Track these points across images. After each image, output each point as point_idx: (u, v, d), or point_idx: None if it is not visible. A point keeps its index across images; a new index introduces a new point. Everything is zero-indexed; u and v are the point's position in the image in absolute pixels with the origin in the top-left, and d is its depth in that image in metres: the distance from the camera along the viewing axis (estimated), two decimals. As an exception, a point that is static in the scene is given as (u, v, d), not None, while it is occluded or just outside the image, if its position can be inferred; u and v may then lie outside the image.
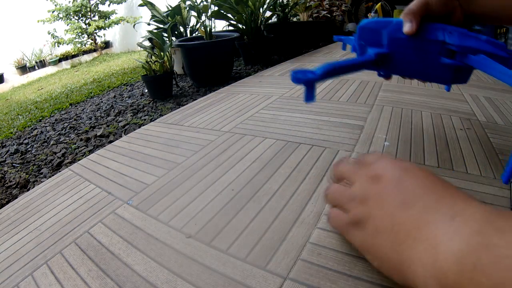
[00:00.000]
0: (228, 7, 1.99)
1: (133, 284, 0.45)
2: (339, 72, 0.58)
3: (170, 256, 0.49)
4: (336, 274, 0.42)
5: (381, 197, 0.32)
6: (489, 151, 0.69)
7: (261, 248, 0.48)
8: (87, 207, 0.67)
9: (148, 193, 0.68)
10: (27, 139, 1.48)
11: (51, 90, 3.00)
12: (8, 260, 0.55)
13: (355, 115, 0.97)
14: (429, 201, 0.27)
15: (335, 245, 0.47)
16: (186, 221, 0.57)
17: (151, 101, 1.67)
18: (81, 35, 6.15)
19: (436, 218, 0.25)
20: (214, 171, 0.73)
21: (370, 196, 0.33)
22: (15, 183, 0.97)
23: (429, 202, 0.27)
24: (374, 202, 0.32)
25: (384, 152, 0.72)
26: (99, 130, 1.33)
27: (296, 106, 1.11)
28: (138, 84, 2.29)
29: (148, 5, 2.17)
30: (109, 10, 6.37)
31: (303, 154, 0.76)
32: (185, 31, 2.31)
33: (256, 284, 0.42)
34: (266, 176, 0.68)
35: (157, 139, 0.98)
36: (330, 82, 1.39)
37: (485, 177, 0.60)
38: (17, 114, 2.17)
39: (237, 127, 0.98)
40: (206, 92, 1.65)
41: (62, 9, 5.86)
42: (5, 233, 0.64)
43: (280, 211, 0.56)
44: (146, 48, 1.76)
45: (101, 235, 0.57)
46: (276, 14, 2.52)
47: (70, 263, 0.51)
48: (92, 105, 1.89)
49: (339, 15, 3.07)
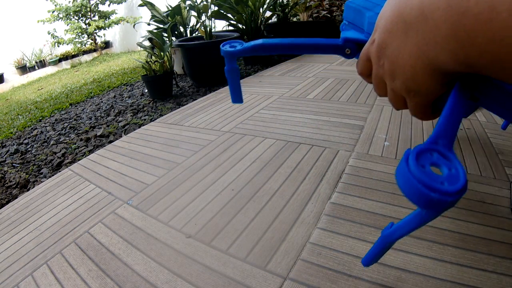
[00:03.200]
0: (228, 7, 1.99)
1: (133, 284, 0.45)
2: (280, 49, 0.50)
3: (170, 256, 0.49)
4: (336, 274, 0.42)
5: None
6: (489, 151, 0.69)
7: (261, 248, 0.48)
8: (87, 207, 0.67)
9: (148, 193, 0.68)
10: (27, 139, 1.48)
11: (51, 90, 3.00)
12: (8, 260, 0.55)
13: (355, 115, 0.97)
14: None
15: (335, 245, 0.47)
16: (186, 221, 0.57)
17: (151, 101, 1.67)
18: (81, 35, 6.16)
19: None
20: (214, 171, 0.73)
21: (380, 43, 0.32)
22: (15, 183, 0.97)
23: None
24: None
25: (384, 152, 0.72)
26: (99, 130, 1.33)
27: (296, 106, 1.11)
28: (138, 84, 2.29)
29: (148, 5, 2.17)
30: (109, 10, 6.38)
31: (303, 154, 0.76)
32: (185, 31, 2.31)
33: (256, 284, 0.42)
34: (266, 176, 0.68)
35: (157, 139, 0.98)
36: (330, 82, 1.39)
37: (485, 177, 0.60)
38: (17, 114, 2.17)
39: (237, 127, 0.98)
40: (206, 92, 1.65)
41: (62, 9, 5.86)
42: (5, 233, 0.64)
43: (280, 211, 0.56)
44: (146, 48, 1.76)
45: (101, 235, 0.57)
46: (276, 14, 2.52)
47: (70, 263, 0.51)
48: (92, 105, 1.89)
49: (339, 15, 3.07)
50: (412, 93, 0.30)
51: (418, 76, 0.28)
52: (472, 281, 0.38)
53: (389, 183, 0.60)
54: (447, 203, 0.19)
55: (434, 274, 0.40)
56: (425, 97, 0.29)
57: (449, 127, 0.24)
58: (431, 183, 0.19)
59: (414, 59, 0.27)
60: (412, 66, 0.28)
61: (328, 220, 0.52)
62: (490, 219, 0.48)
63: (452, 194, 0.19)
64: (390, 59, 0.31)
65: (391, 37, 0.29)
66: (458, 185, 0.19)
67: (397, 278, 0.40)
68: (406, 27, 0.27)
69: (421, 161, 0.21)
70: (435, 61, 0.25)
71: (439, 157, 0.22)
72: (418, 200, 0.20)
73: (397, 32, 0.28)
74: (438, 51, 0.24)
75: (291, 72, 1.70)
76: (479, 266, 0.40)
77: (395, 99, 0.33)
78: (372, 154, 0.72)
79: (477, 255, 0.42)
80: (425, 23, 0.24)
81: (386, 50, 0.31)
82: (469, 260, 0.41)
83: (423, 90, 0.28)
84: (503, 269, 0.40)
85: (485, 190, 0.56)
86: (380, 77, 0.34)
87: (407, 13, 0.26)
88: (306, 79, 1.50)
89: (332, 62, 1.86)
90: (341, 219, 0.52)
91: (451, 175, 0.20)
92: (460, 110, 0.26)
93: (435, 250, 0.44)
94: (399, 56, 0.29)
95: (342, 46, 0.49)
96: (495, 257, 0.41)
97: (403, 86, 0.30)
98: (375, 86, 0.36)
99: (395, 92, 0.33)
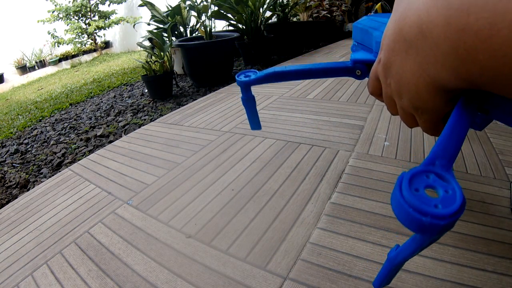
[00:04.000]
0: (228, 7, 1.99)
1: (133, 284, 0.45)
2: (292, 77, 0.52)
3: (170, 256, 0.49)
4: (336, 274, 0.42)
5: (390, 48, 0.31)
6: (489, 151, 0.69)
7: (261, 248, 0.48)
8: (87, 207, 0.67)
9: (148, 193, 0.68)
10: (27, 139, 1.48)
11: (51, 90, 3.00)
12: (8, 260, 0.55)
13: (355, 115, 0.97)
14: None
15: (335, 245, 0.47)
16: (186, 221, 0.57)
17: (151, 101, 1.67)
18: (81, 35, 6.16)
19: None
20: (214, 171, 0.73)
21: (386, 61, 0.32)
22: (15, 183, 0.97)
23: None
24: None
25: (384, 152, 0.72)
26: (99, 130, 1.33)
27: (296, 106, 1.11)
28: (138, 84, 2.29)
29: (148, 5, 2.17)
30: (109, 10, 6.38)
31: (303, 154, 0.76)
32: (185, 31, 2.31)
33: (256, 284, 0.42)
34: (266, 176, 0.68)
35: (157, 139, 0.98)
36: (330, 82, 1.39)
37: (485, 177, 0.60)
38: (17, 114, 2.17)
39: (237, 127, 0.98)
40: (206, 92, 1.65)
41: (62, 9, 5.86)
42: (5, 233, 0.64)
43: (280, 211, 0.56)
44: (146, 48, 1.76)
45: (101, 235, 0.57)
46: (276, 14, 2.52)
47: (70, 263, 0.51)
48: (92, 105, 1.89)
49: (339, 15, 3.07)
50: (419, 111, 0.30)
51: (422, 94, 0.27)
52: (472, 281, 0.38)
53: (389, 183, 0.60)
54: (440, 227, 0.18)
55: (434, 274, 0.40)
56: (433, 114, 0.29)
57: (449, 146, 0.24)
58: (423, 207, 0.18)
59: (417, 77, 0.27)
60: (415, 85, 0.27)
61: (328, 220, 0.52)
62: (490, 219, 0.48)
63: (446, 217, 0.18)
64: (395, 78, 0.30)
65: (394, 55, 0.29)
66: (453, 208, 0.18)
67: (397, 278, 0.40)
68: (407, 45, 0.27)
69: (415, 184, 0.20)
70: (437, 78, 0.25)
71: (435, 179, 0.21)
72: (410, 225, 0.19)
73: (399, 50, 0.28)
74: (439, 69, 0.24)
75: (291, 72, 1.70)
76: (479, 266, 0.40)
77: (405, 117, 0.33)
78: (372, 154, 0.72)
79: (477, 255, 0.42)
80: (424, 40, 0.24)
81: (391, 69, 0.30)
82: (469, 260, 0.41)
83: (429, 108, 0.28)
84: (503, 269, 0.40)
85: (485, 190, 0.56)
86: (389, 96, 0.34)
87: (406, 31, 0.26)
88: (306, 79, 1.50)
89: (332, 62, 1.86)
90: (341, 219, 0.52)
91: (446, 197, 0.19)
92: (463, 127, 0.25)
93: (435, 250, 0.44)
94: (403, 74, 0.29)
95: (352, 68, 0.49)
96: (495, 257, 0.41)
97: (410, 104, 0.30)
98: (386, 105, 0.36)
99: (404, 110, 0.32)
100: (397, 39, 0.28)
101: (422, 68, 0.25)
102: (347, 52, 2.18)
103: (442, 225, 0.18)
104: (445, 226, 0.18)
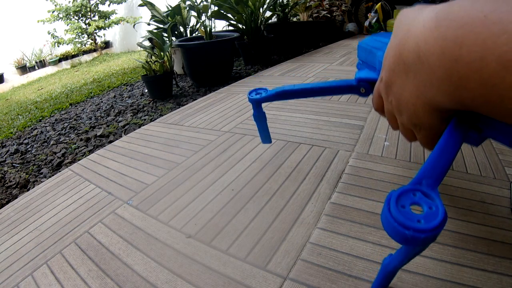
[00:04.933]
0: (228, 7, 1.99)
1: (133, 284, 0.45)
2: (300, 95, 0.55)
3: (170, 256, 0.49)
4: (336, 274, 0.42)
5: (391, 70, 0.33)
6: (489, 151, 0.69)
7: (261, 248, 0.48)
8: (87, 207, 0.67)
9: (148, 193, 0.68)
10: (27, 139, 1.48)
11: (51, 90, 3.00)
12: (8, 260, 0.55)
13: (355, 115, 0.97)
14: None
15: (335, 245, 0.47)
16: (186, 221, 0.57)
17: (151, 101, 1.67)
18: (81, 35, 6.15)
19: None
20: (214, 171, 0.73)
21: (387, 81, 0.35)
22: (15, 183, 0.97)
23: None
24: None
25: (384, 152, 0.72)
26: (99, 130, 1.33)
27: (296, 106, 1.11)
28: (138, 84, 2.29)
29: (148, 5, 2.17)
30: (109, 10, 6.37)
31: (303, 154, 0.76)
32: (185, 31, 2.31)
33: (256, 284, 0.42)
34: (266, 176, 0.68)
35: (157, 139, 0.98)
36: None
37: (485, 177, 0.60)
38: (17, 114, 2.17)
39: (237, 127, 0.98)
40: (206, 92, 1.65)
41: (62, 9, 5.85)
42: (5, 233, 0.64)
43: (280, 211, 0.56)
44: (146, 48, 1.76)
45: (101, 235, 0.57)
46: (276, 14, 2.52)
47: (70, 263, 0.51)
48: (92, 105, 1.89)
49: (339, 15, 3.07)
50: (417, 127, 0.32)
51: (420, 112, 0.29)
52: (472, 281, 0.38)
53: (389, 183, 0.60)
54: (420, 239, 0.20)
55: (434, 274, 0.40)
56: (430, 131, 0.31)
57: (437, 166, 0.26)
58: (406, 222, 0.21)
59: (415, 97, 0.29)
60: (414, 104, 0.29)
61: (328, 220, 0.52)
62: (490, 219, 0.48)
63: (426, 231, 0.20)
64: (395, 96, 0.32)
65: (395, 76, 0.31)
66: (435, 223, 0.20)
67: (397, 278, 0.40)
68: (406, 68, 0.29)
69: (402, 202, 0.22)
70: (433, 100, 0.27)
71: (421, 197, 0.23)
72: (395, 237, 0.21)
73: (399, 72, 0.30)
74: (435, 92, 0.26)
75: (291, 72, 1.70)
76: (479, 266, 0.40)
77: (405, 132, 0.36)
78: (372, 154, 0.72)
79: (477, 255, 0.42)
80: (422, 66, 0.26)
81: (392, 88, 0.33)
82: (469, 260, 0.41)
83: (426, 125, 0.30)
84: (503, 269, 0.40)
85: (485, 190, 0.56)
86: (390, 112, 0.36)
87: (405, 55, 0.28)
88: (306, 79, 1.50)
89: (332, 62, 1.86)
90: (341, 219, 0.52)
91: (430, 213, 0.21)
92: (453, 148, 0.27)
93: (435, 250, 0.44)
94: (402, 94, 0.31)
95: (356, 86, 0.52)
96: (495, 257, 0.41)
97: (409, 121, 0.32)
98: (388, 120, 0.39)
99: (404, 125, 0.35)
100: (398, 61, 0.30)
101: (420, 90, 0.28)
102: (347, 52, 2.18)
103: (423, 238, 0.20)
104: (426, 239, 0.20)
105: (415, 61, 0.27)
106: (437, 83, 0.25)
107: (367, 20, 3.28)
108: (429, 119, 0.29)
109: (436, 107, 0.27)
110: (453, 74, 0.23)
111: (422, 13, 0.27)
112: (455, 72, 0.22)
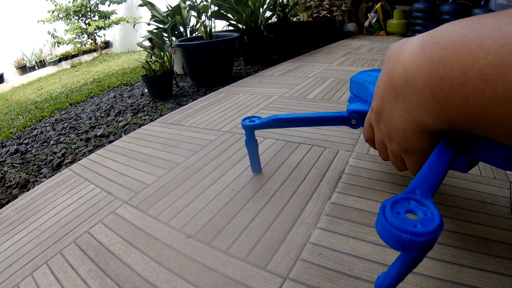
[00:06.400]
0: (228, 7, 1.99)
1: (133, 284, 0.45)
2: (293, 124, 0.57)
3: (170, 256, 0.49)
4: (336, 274, 0.42)
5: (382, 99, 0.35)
6: (489, 151, 0.69)
7: (261, 248, 0.48)
8: (87, 207, 0.67)
9: (148, 193, 0.68)
10: (27, 139, 1.48)
11: (51, 90, 3.00)
12: (8, 260, 0.55)
13: (355, 115, 0.97)
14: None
15: (335, 245, 0.47)
16: (186, 221, 0.57)
17: (151, 101, 1.67)
18: (81, 35, 6.15)
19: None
20: (214, 171, 0.73)
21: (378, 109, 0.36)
22: (15, 183, 0.97)
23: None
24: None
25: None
26: (99, 130, 1.33)
27: (296, 106, 1.11)
28: (138, 84, 2.29)
29: (148, 5, 2.17)
30: (109, 10, 6.36)
31: (303, 154, 0.76)
32: (185, 31, 2.31)
33: (256, 284, 0.42)
34: (266, 176, 0.68)
35: (157, 139, 0.98)
36: (330, 82, 1.39)
37: (485, 177, 0.60)
38: (17, 114, 2.17)
39: (237, 127, 0.98)
40: (206, 92, 1.65)
41: (62, 9, 5.85)
42: (5, 233, 0.64)
43: (280, 211, 0.56)
44: (146, 48, 1.76)
45: (101, 235, 0.57)
46: (276, 14, 2.52)
47: (70, 263, 0.51)
48: (92, 105, 1.89)
49: (339, 15, 3.07)
50: (408, 153, 0.33)
51: (409, 136, 0.30)
52: (472, 281, 0.38)
53: (389, 183, 0.60)
54: (419, 243, 0.20)
55: (434, 274, 0.40)
56: (420, 156, 0.32)
57: (429, 177, 0.26)
58: (403, 226, 0.20)
59: (404, 121, 0.30)
60: (403, 128, 0.30)
61: (328, 220, 0.52)
62: (490, 219, 0.48)
63: (424, 234, 0.20)
64: (386, 123, 0.34)
65: (385, 103, 0.32)
66: (432, 227, 0.20)
67: (397, 278, 0.40)
68: (396, 93, 0.30)
69: (397, 209, 0.22)
70: (421, 122, 0.28)
71: (416, 205, 0.23)
72: (392, 243, 0.21)
73: (389, 98, 0.31)
74: (422, 113, 0.27)
75: (291, 72, 1.70)
76: (479, 266, 0.40)
77: (395, 160, 0.37)
78: (372, 154, 0.72)
79: (477, 255, 0.42)
80: (410, 88, 0.27)
81: (383, 116, 0.34)
82: (469, 260, 0.41)
83: (416, 149, 0.31)
84: (503, 269, 0.40)
85: (485, 190, 0.56)
86: (381, 141, 0.37)
87: (395, 80, 0.29)
88: (306, 79, 1.50)
89: (332, 62, 1.86)
90: (341, 219, 0.52)
91: (425, 219, 0.21)
92: (443, 163, 0.27)
93: (435, 250, 0.44)
94: (392, 120, 0.32)
95: (348, 117, 0.54)
96: (495, 257, 0.41)
97: (399, 147, 0.33)
98: (378, 150, 0.40)
99: (394, 153, 0.36)
100: (387, 88, 0.31)
101: (408, 112, 0.29)
102: (346, 52, 2.18)
103: (421, 242, 0.20)
104: (424, 243, 0.20)
105: (403, 85, 0.28)
106: (425, 103, 0.26)
107: (367, 20, 3.28)
108: (419, 142, 0.30)
109: (425, 129, 0.28)
110: (438, 93, 0.24)
111: (409, 41, 0.29)
112: (440, 90, 0.23)
